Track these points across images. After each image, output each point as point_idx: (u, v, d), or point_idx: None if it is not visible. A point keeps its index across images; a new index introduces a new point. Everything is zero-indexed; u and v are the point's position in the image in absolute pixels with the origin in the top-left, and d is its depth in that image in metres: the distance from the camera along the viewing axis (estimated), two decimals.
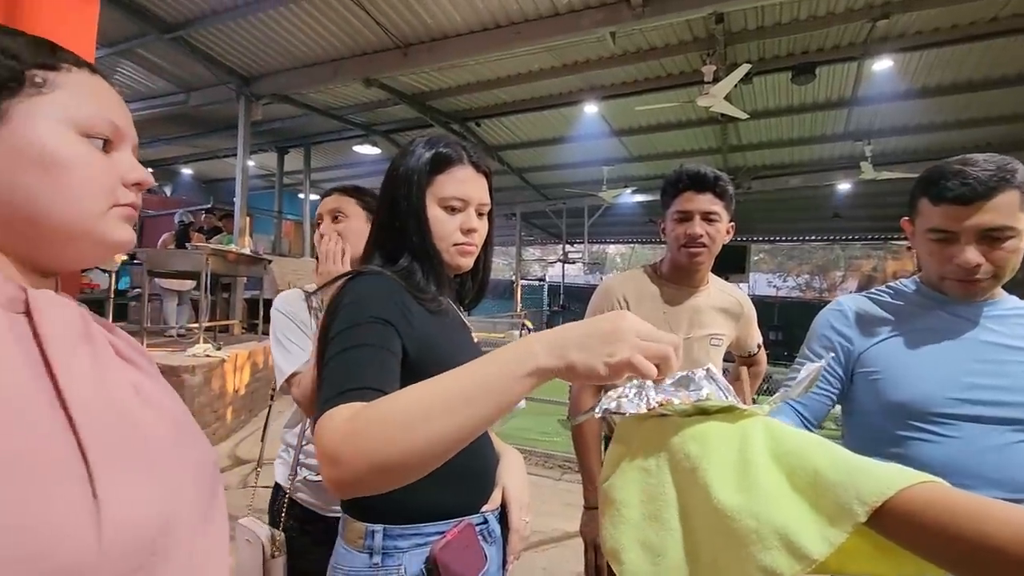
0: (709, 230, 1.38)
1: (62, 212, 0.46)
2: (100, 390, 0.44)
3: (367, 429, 0.53)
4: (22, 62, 0.45)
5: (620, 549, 0.60)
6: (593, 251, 19.75)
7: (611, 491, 0.63)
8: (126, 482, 0.41)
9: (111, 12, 5.16)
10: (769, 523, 0.51)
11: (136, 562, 0.41)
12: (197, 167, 11.79)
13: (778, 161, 9.49)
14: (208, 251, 5.14)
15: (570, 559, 2.90)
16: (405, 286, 0.79)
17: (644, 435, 0.64)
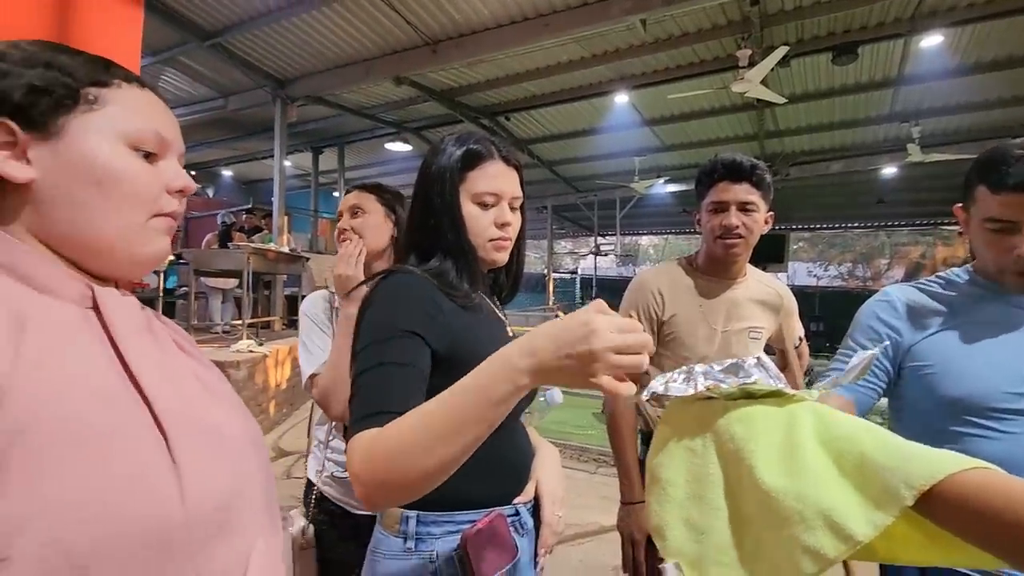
0: (746, 220, 1.34)
1: (109, 223, 0.49)
2: (165, 375, 0.48)
3: (379, 458, 0.60)
4: (78, 80, 0.48)
5: (664, 526, 0.63)
6: (625, 243, 19.52)
7: (658, 470, 0.65)
8: (198, 451, 0.46)
9: (154, 22, 5.36)
10: (814, 505, 0.51)
11: (215, 523, 0.46)
12: (237, 169, 12.17)
13: (818, 146, 9.16)
14: (249, 250, 5.31)
15: (606, 552, 2.89)
16: (437, 284, 0.80)
17: (691, 417, 0.65)
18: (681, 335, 1.37)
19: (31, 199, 0.47)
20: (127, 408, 0.44)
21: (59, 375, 0.42)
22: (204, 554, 0.45)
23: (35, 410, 0.39)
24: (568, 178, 11.63)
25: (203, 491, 0.45)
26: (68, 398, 0.41)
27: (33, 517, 0.37)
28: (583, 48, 6.03)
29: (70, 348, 0.44)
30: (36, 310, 0.44)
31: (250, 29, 5.82)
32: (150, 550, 0.41)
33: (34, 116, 0.46)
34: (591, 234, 14.02)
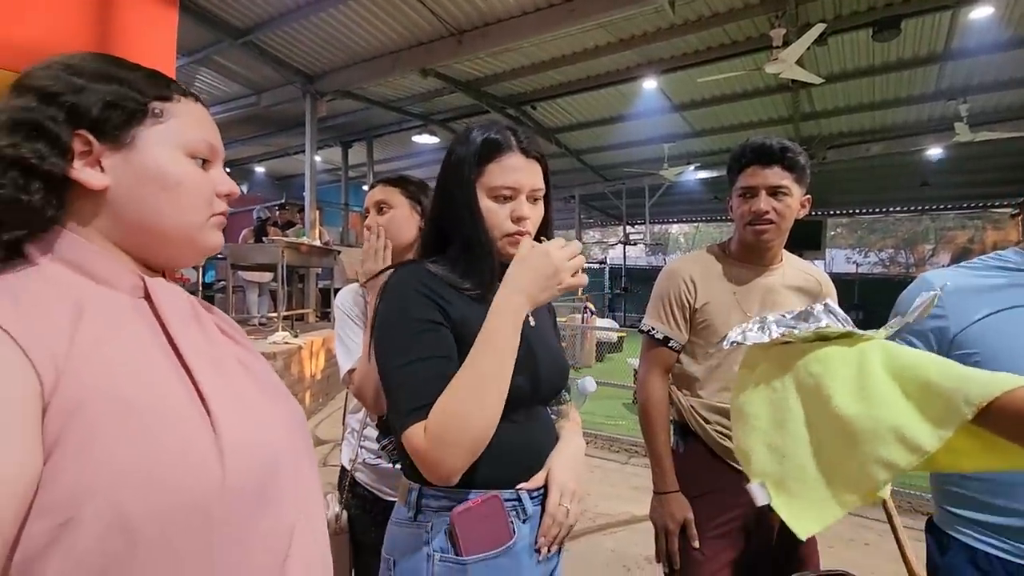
0: (776, 206, 1.30)
1: (174, 222, 0.55)
2: (210, 357, 0.53)
3: (440, 432, 0.72)
4: (145, 96, 0.54)
5: (749, 452, 0.75)
6: (655, 231, 19.25)
7: (743, 407, 0.78)
8: (239, 429, 0.50)
9: (187, 23, 5.50)
10: (886, 424, 0.61)
11: (255, 497, 0.50)
12: (270, 165, 12.44)
13: (857, 128, 8.82)
14: (283, 244, 5.44)
15: (638, 542, 2.89)
16: (445, 276, 0.83)
17: (770, 360, 0.77)
18: (714, 323, 1.35)
19: (104, 203, 0.52)
20: (175, 387, 0.49)
21: (112, 357, 0.46)
22: (245, 524, 0.48)
23: (89, 389, 0.43)
24: (596, 167, 11.51)
25: (243, 466, 0.48)
26: (120, 378, 0.45)
27: (93, 485, 0.41)
28: (609, 33, 5.93)
29: (122, 333, 0.49)
30: (94, 299, 0.49)
31: (280, 26, 5.91)
32: (194, 518, 0.45)
33: (108, 128, 0.51)
34: (620, 223, 13.88)
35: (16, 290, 0.45)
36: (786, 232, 1.35)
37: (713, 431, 1.34)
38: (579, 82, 7.37)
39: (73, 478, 0.41)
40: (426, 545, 0.79)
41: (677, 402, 1.40)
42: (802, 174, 1.31)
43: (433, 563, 0.78)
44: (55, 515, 0.40)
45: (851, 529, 3.06)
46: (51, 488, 0.40)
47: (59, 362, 0.42)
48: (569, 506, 0.84)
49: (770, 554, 1.34)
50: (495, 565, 0.79)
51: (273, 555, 0.51)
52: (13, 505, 0.38)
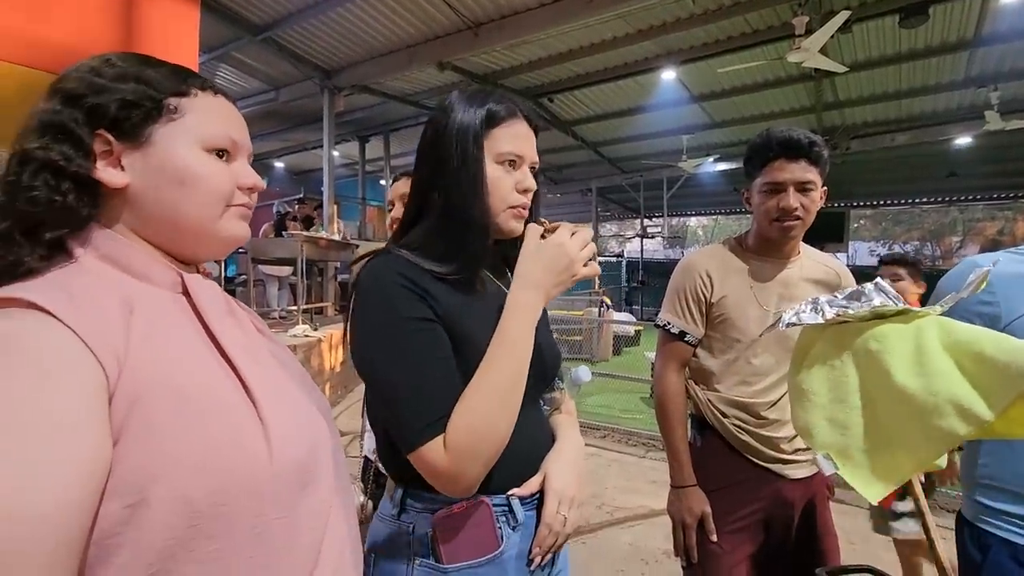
0: (804, 201, 1.27)
1: (193, 216, 0.56)
2: (248, 350, 0.55)
3: (463, 445, 0.67)
4: (161, 93, 0.55)
5: (811, 427, 0.78)
6: (673, 224, 19.05)
7: (801, 383, 0.81)
8: (280, 416, 0.52)
9: (208, 20, 5.57)
10: (945, 396, 0.65)
11: (297, 478, 0.52)
12: (288, 160, 12.57)
13: (882, 117, 8.60)
14: (302, 238, 5.50)
15: (656, 536, 2.88)
16: (419, 263, 0.75)
17: (826, 339, 0.81)
18: (732, 317, 1.34)
19: (127, 200, 0.54)
20: (221, 379, 0.51)
21: (163, 350, 0.49)
22: (290, 504, 0.51)
23: (147, 379, 0.46)
24: (613, 159, 11.41)
25: (287, 450, 0.51)
26: (173, 370, 0.48)
27: (157, 469, 0.44)
28: (628, 24, 5.86)
29: (168, 327, 0.51)
30: (139, 295, 0.51)
31: (298, 21, 5.95)
32: (248, 500, 0.48)
33: (126, 128, 0.53)
34: (637, 216, 13.76)
35: (68, 286, 0.47)
36: (808, 226, 1.33)
37: (731, 425, 1.33)
38: (597, 74, 7.30)
39: (138, 463, 0.43)
40: (407, 547, 0.74)
41: (694, 396, 1.40)
42: (825, 167, 1.29)
43: (413, 567, 0.73)
44: (125, 497, 0.43)
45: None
46: (120, 472, 0.43)
47: (119, 355, 0.45)
48: (567, 514, 0.78)
49: (789, 549, 1.33)
50: (479, 574, 0.73)
51: (314, 533, 0.54)
52: (91, 486, 0.41)
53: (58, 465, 0.39)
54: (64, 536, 0.39)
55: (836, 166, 10.71)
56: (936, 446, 0.66)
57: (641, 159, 10.80)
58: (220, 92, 0.60)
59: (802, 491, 1.33)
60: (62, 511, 0.39)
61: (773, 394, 1.32)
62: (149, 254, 0.55)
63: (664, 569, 2.60)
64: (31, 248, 0.48)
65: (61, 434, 0.40)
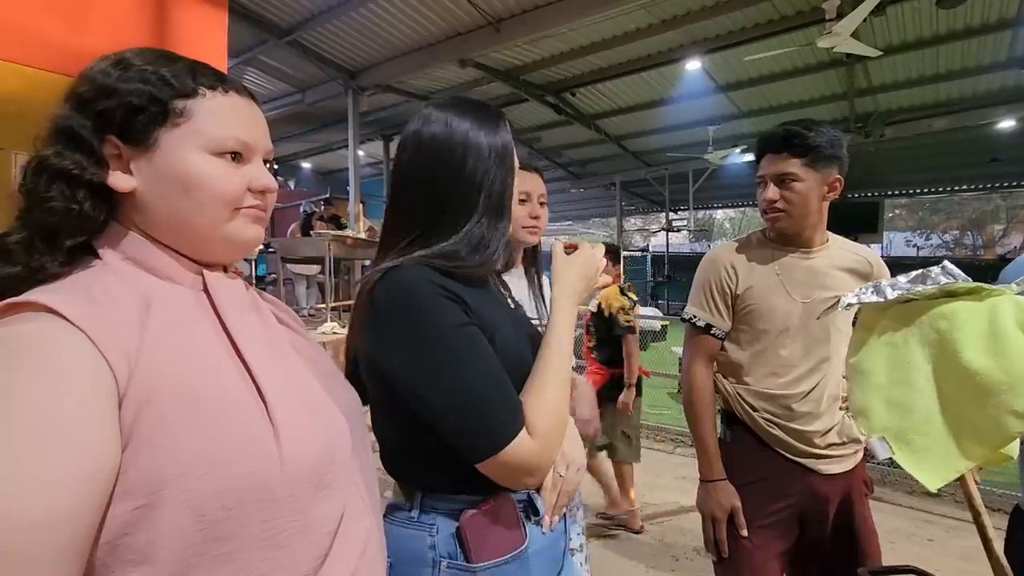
0: (785, 194, 1.29)
1: (198, 221, 0.55)
2: (266, 347, 0.55)
3: (544, 435, 0.71)
4: (167, 95, 0.53)
5: (868, 408, 0.76)
6: (699, 218, 18.75)
7: (859, 364, 0.79)
8: (294, 417, 0.52)
9: (234, 24, 5.69)
10: (1019, 376, 0.61)
11: (311, 481, 0.52)
12: (315, 160, 12.78)
13: (919, 102, 8.28)
14: (329, 237, 5.59)
15: (687, 532, 2.85)
16: (444, 268, 0.75)
17: (889, 318, 0.78)
18: (759, 307, 1.33)
19: (136, 204, 0.54)
20: (233, 378, 0.51)
21: (177, 349, 0.48)
22: (305, 506, 0.51)
23: (159, 380, 0.46)
24: (637, 152, 11.27)
25: (299, 453, 0.50)
26: (186, 369, 0.48)
27: (167, 470, 0.44)
28: (651, 14, 5.77)
29: (186, 325, 0.51)
30: (158, 293, 0.51)
31: (322, 23, 6.03)
32: (258, 502, 0.47)
33: (133, 132, 0.53)
34: (662, 210, 13.57)
35: (88, 287, 0.48)
36: (806, 218, 1.31)
37: (761, 419, 1.31)
38: (620, 66, 7.21)
39: (148, 464, 0.43)
40: (431, 549, 0.73)
41: (723, 390, 1.38)
42: (819, 158, 1.28)
43: (439, 569, 0.72)
44: (135, 498, 0.43)
45: (914, 524, 2.93)
46: (130, 473, 0.43)
47: (131, 356, 0.45)
48: (564, 473, 0.81)
49: (825, 547, 1.31)
50: (505, 571, 0.74)
51: (330, 534, 0.53)
52: (92, 490, 0.41)
53: (56, 470, 0.39)
54: (60, 541, 0.39)
55: (869, 154, 10.32)
56: (1009, 428, 0.61)
57: (666, 152, 10.63)
58: (235, 89, 0.58)
59: (838, 487, 1.30)
60: (57, 516, 0.39)
61: (803, 385, 1.30)
62: (167, 254, 0.55)
63: (694, 566, 2.57)
64: (51, 254, 0.49)
65: (62, 438, 0.40)
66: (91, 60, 0.55)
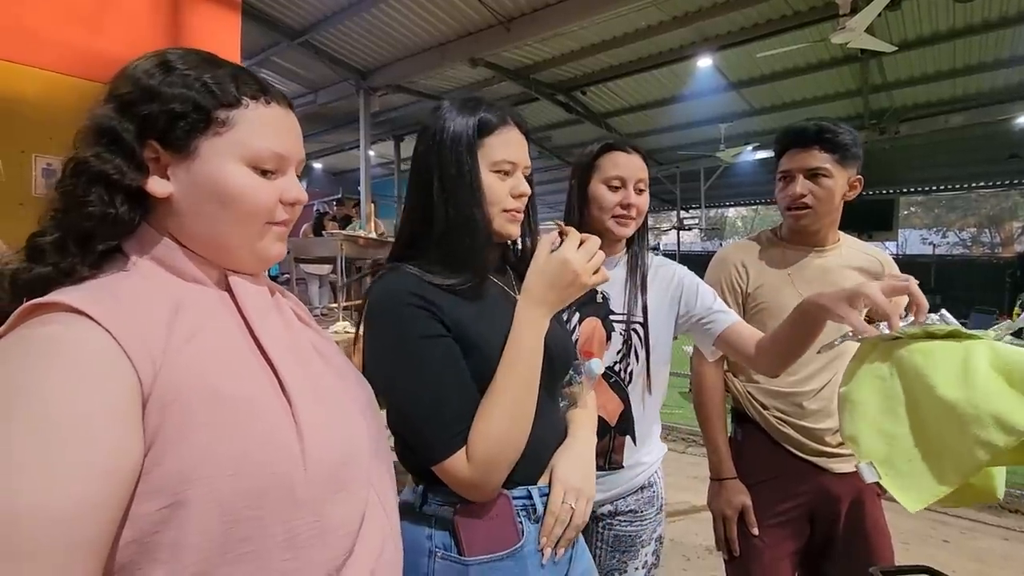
0: (814, 189, 1.27)
1: (230, 234, 0.55)
2: (289, 347, 0.56)
3: (483, 457, 0.71)
4: (210, 104, 0.53)
5: (858, 435, 0.80)
6: (711, 216, 18.61)
7: (850, 394, 0.84)
8: (316, 417, 0.52)
9: (247, 26, 5.74)
10: (985, 409, 0.66)
11: (332, 481, 0.52)
12: (327, 161, 12.88)
13: (935, 98, 8.16)
14: (342, 237, 5.64)
15: (698, 532, 2.84)
16: (426, 277, 0.77)
17: (879, 352, 0.83)
18: (769, 306, 1.33)
19: (172, 210, 0.54)
20: (259, 378, 0.51)
21: (204, 350, 0.49)
22: (324, 507, 0.51)
23: (184, 381, 0.46)
24: (648, 151, 11.18)
25: (321, 453, 0.51)
26: (211, 369, 0.48)
27: (193, 470, 0.44)
28: (662, 11, 5.74)
29: (212, 326, 0.52)
30: (186, 295, 0.52)
31: (334, 24, 6.08)
32: (282, 502, 0.48)
33: (173, 139, 0.52)
34: (673, 208, 13.50)
35: (116, 289, 0.48)
36: (829, 215, 1.31)
37: (772, 417, 1.31)
38: (630, 64, 7.18)
39: (175, 464, 0.44)
40: (428, 540, 0.76)
41: (734, 388, 1.38)
42: (845, 154, 1.27)
43: (434, 559, 0.74)
44: (163, 497, 0.43)
45: (928, 526, 2.90)
46: (157, 473, 0.43)
47: (156, 357, 0.45)
48: (574, 505, 0.79)
49: (837, 546, 1.30)
50: (499, 567, 0.74)
51: (350, 538, 0.54)
52: (112, 489, 0.41)
53: (78, 467, 0.40)
54: (80, 536, 0.39)
55: (884, 151, 10.16)
56: (977, 457, 0.66)
57: (677, 150, 10.58)
58: (276, 99, 0.58)
59: (849, 487, 1.29)
60: (78, 512, 0.39)
61: (814, 382, 1.30)
62: (194, 258, 0.55)
63: (706, 564, 2.56)
64: (83, 256, 0.49)
65: (86, 437, 0.40)
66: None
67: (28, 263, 0.49)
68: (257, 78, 0.57)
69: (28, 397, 0.40)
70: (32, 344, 0.43)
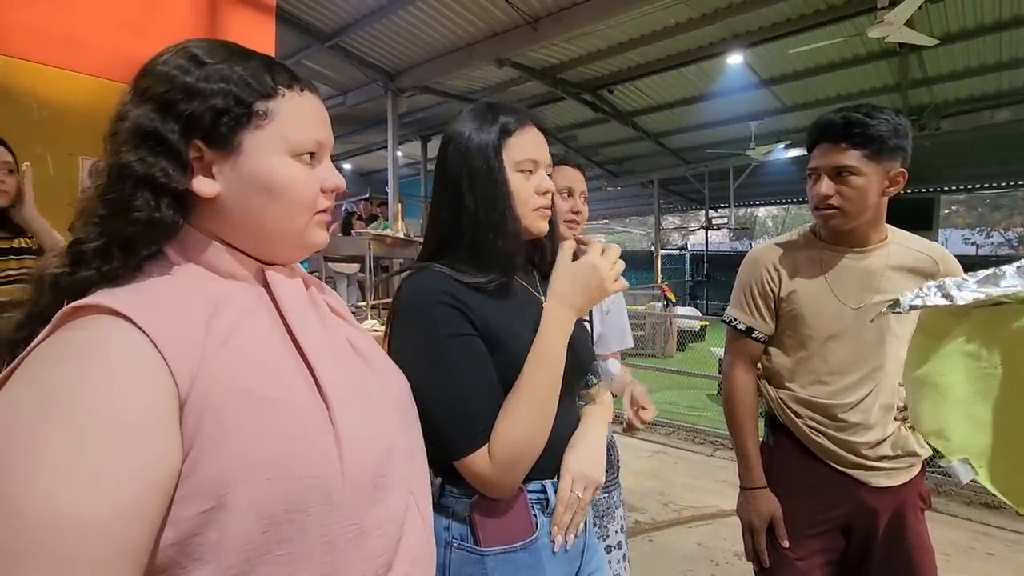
0: (842, 188, 1.16)
1: (280, 226, 0.55)
2: (325, 343, 0.55)
3: (505, 457, 0.73)
4: (250, 96, 0.52)
5: (945, 427, 0.67)
6: (740, 216, 18.27)
7: (929, 377, 0.70)
8: (353, 419, 0.51)
9: (281, 30, 5.86)
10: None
11: (370, 483, 0.51)
12: (356, 161, 13.07)
13: (979, 92, 7.83)
14: (369, 236, 5.72)
15: (726, 537, 2.79)
16: (456, 276, 0.79)
17: (969, 324, 0.70)
18: (803, 312, 1.25)
19: (215, 207, 0.53)
20: (295, 378, 0.51)
21: (242, 353, 0.48)
22: (362, 510, 0.51)
23: (222, 385, 0.46)
24: (676, 149, 11.06)
25: (358, 456, 0.50)
26: (248, 371, 0.48)
27: (232, 474, 0.44)
28: (691, 8, 5.65)
29: (249, 326, 0.51)
30: (224, 295, 0.51)
31: (363, 26, 6.17)
32: (319, 507, 0.47)
33: (217, 136, 0.51)
34: (701, 207, 13.29)
35: (156, 290, 0.48)
36: (862, 215, 1.19)
37: (804, 426, 1.26)
38: (658, 62, 7.10)
39: (215, 468, 0.43)
40: (445, 531, 0.77)
41: (766, 395, 1.33)
42: (881, 148, 1.15)
43: (451, 550, 0.77)
44: (203, 501, 0.43)
45: (971, 537, 2.79)
46: (196, 477, 0.43)
47: (194, 361, 0.44)
48: (581, 494, 0.81)
49: (872, 562, 1.24)
50: (513, 559, 0.76)
51: (386, 539, 0.53)
52: (151, 493, 0.41)
53: (117, 472, 0.39)
54: (116, 544, 0.39)
55: (924, 148, 9.78)
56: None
57: (706, 148, 10.40)
58: (307, 87, 0.57)
59: (889, 500, 1.22)
60: (116, 518, 0.38)
61: (853, 395, 1.22)
62: (234, 254, 0.54)
63: (735, 571, 2.51)
64: (125, 260, 0.48)
65: (123, 442, 0.40)
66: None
67: (70, 267, 0.49)
68: (285, 66, 0.56)
69: (65, 401, 0.39)
70: (70, 347, 0.43)
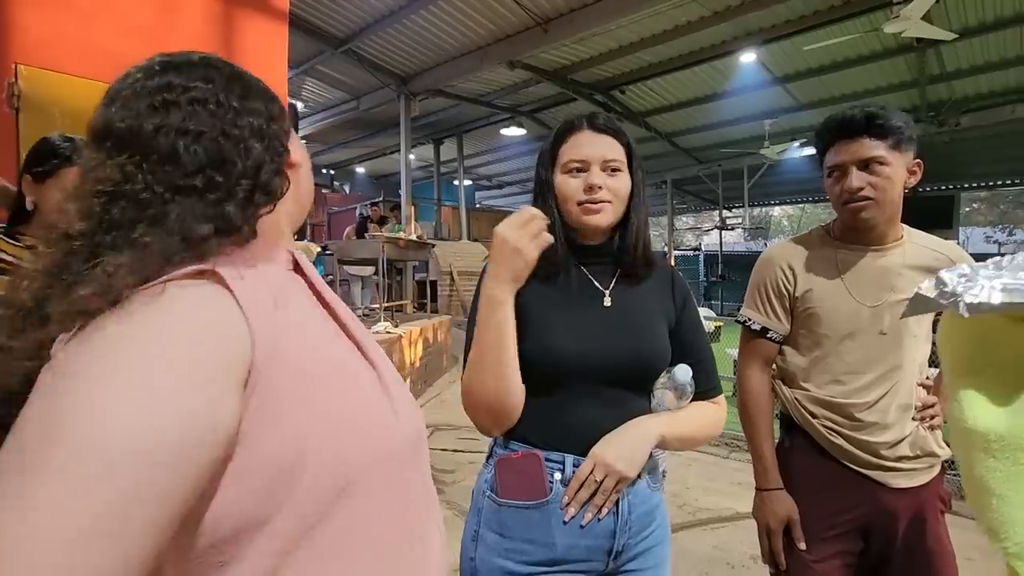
0: (872, 179, 1.16)
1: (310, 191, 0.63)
2: (350, 317, 0.59)
3: (464, 402, 0.89)
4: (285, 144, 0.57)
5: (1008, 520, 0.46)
6: (754, 215, 18.12)
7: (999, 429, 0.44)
8: (396, 383, 0.55)
9: (293, 36, 5.95)
10: None
11: (413, 443, 0.55)
12: (369, 165, 13.19)
13: (999, 87, 7.69)
14: (383, 239, 5.76)
15: (743, 540, 2.76)
16: None
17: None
18: (819, 311, 1.24)
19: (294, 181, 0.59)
20: (347, 346, 0.54)
21: (303, 324, 0.52)
22: (411, 468, 0.54)
23: (292, 353, 0.48)
24: (688, 149, 11.00)
25: (406, 416, 0.54)
26: (314, 341, 0.51)
27: (311, 434, 0.47)
28: (703, 7, 5.63)
29: (299, 302, 0.55)
30: (275, 273, 0.55)
31: (376, 32, 6.22)
32: (386, 462, 0.51)
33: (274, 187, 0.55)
34: (715, 207, 13.19)
35: (238, 264, 0.50)
36: (891, 206, 1.19)
37: (821, 427, 1.24)
38: (670, 61, 7.07)
39: (293, 430, 0.45)
40: (485, 482, 0.92)
41: (781, 395, 1.33)
42: (899, 139, 1.16)
43: (484, 496, 0.91)
44: (281, 461, 0.44)
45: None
46: (272, 439, 0.44)
47: (269, 333, 0.46)
48: (599, 479, 0.85)
49: (892, 566, 1.23)
50: (526, 516, 0.87)
51: (427, 503, 0.57)
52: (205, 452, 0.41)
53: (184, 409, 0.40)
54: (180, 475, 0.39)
55: (944, 144, 9.64)
56: None
57: (719, 148, 10.34)
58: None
59: (908, 501, 1.21)
60: (182, 452, 0.39)
61: (870, 394, 1.21)
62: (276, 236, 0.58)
63: (750, 574, 2.49)
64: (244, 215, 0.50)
65: (189, 382, 0.41)
66: None
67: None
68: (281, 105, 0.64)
69: (145, 338, 0.41)
70: (162, 298, 0.44)
